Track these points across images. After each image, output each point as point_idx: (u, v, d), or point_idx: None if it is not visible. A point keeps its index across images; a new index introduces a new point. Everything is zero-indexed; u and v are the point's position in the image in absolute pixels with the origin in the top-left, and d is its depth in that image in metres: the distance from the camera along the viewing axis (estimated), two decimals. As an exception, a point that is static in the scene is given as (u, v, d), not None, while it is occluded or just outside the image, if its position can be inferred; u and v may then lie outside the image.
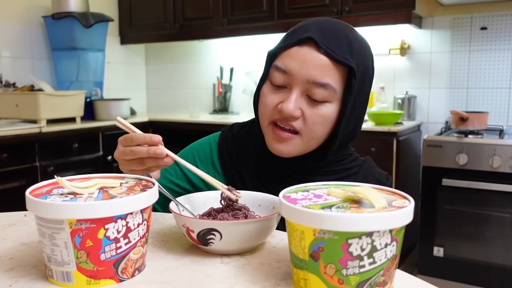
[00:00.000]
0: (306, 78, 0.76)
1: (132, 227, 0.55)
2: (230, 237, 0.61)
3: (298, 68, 0.76)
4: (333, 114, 0.79)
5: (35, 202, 0.52)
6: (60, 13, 2.78)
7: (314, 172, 0.87)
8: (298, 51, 0.77)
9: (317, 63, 0.76)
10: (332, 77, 0.76)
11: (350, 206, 0.52)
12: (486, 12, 2.54)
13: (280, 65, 0.78)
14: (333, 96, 0.77)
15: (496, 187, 2.07)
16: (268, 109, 0.80)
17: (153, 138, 0.71)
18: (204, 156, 0.96)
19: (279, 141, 0.80)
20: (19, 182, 2.26)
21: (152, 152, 0.71)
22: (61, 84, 2.94)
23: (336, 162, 0.89)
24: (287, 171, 0.87)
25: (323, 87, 0.76)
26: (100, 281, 0.54)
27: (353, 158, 0.92)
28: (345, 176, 0.88)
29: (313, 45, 0.76)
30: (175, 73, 3.67)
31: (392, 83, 2.85)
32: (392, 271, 0.51)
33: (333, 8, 2.59)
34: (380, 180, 0.90)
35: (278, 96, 0.79)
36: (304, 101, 0.78)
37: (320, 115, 0.78)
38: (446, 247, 2.23)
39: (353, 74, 0.76)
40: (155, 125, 3.07)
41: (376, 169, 0.92)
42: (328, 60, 0.76)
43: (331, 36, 0.77)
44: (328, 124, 0.79)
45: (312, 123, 0.78)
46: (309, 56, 0.76)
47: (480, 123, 2.25)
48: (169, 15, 3.21)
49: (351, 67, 0.76)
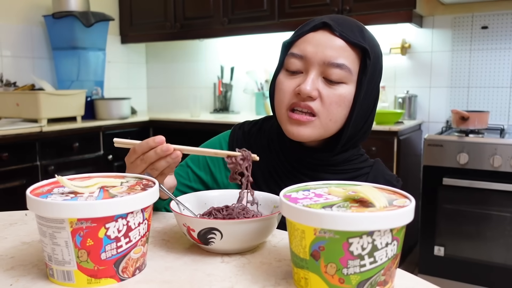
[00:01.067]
0: (322, 60, 0.78)
1: (133, 226, 0.55)
2: (230, 236, 0.61)
3: (314, 51, 0.79)
4: (349, 95, 0.80)
5: (36, 201, 0.52)
6: (60, 12, 2.78)
7: (326, 170, 0.87)
8: (313, 36, 0.80)
9: (332, 45, 0.79)
10: (347, 58, 0.79)
11: (350, 205, 0.52)
12: (487, 11, 2.53)
13: (296, 51, 0.81)
14: (348, 77, 0.79)
15: (497, 187, 2.06)
16: (286, 95, 0.82)
17: (156, 139, 0.72)
18: (221, 164, 0.96)
19: (298, 124, 0.81)
20: (20, 181, 2.27)
21: (160, 151, 0.71)
22: (61, 83, 2.94)
23: (347, 162, 0.89)
24: (299, 168, 0.87)
25: (339, 67, 0.78)
26: (100, 280, 0.54)
27: (363, 159, 0.93)
28: (356, 176, 0.89)
29: (328, 30, 0.79)
30: (175, 72, 3.67)
31: (393, 82, 2.85)
32: (392, 270, 0.51)
33: (333, 7, 2.59)
34: (390, 182, 0.91)
35: (295, 81, 0.81)
36: (321, 82, 0.80)
37: (337, 95, 0.79)
38: (447, 247, 2.23)
39: (367, 55, 0.79)
40: (156, 124, 3.07)
41: (386, 170, 0.93)
42: (342, 42, 0.79)
43: (344, 23, 0.81)
44: (345, 106, 0.81)
45: (329, 103, 0.79)
46: (324, 40, 0.79)
47: (481, 122, 2.25)
48: (170, 14, 3.21)
49: (364, 48, 0.79)
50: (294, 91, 0.80)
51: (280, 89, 0.83)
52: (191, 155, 0.99)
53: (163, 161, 0.72)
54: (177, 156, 0.72)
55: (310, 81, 0.78)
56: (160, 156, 0.72)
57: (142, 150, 0.72)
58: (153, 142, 0.72)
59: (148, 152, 0.72)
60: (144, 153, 0.72)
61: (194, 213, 0.73)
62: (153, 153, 0.72)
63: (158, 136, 0.72)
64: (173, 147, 0.72)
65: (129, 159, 0.75)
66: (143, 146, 0.72)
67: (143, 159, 0.73)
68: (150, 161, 0.72)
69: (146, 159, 0.72)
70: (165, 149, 0.71)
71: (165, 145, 0.72)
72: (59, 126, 2.48)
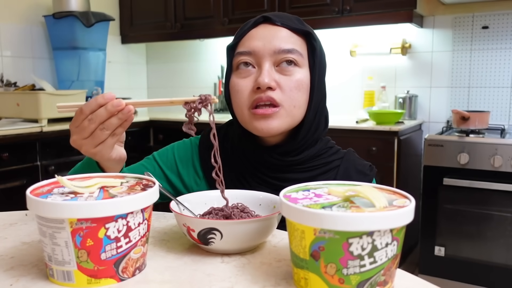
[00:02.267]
0: (272, 50, 0.80)
1: (133, 226, 0.55)
2: (230, 236, 0.61)
3: (261, 44, 0.80)
4: (306, 79, 0.82)
5: (36, 202, 0.52)
6: (61, 12, 2.78)
7: (294, 170, 0.86)
8: (257, 31, 0.82)
9: (277, 35, 0.81)
10: (295, 43, 0.81)
11: (350, 205, 0.52)
12: (488, 11, 2.53)
13: (243, 49, 0.82)
14: (301, 60, 0.81)
15: (498, 187, 2.06)
16: (245, 94, 0.81)
17: (105, 96, 0.67)
18: (185, 157, 0.94)
19: (265, 118, 0.80)
20: (20, 181, 2.27)
21: (110, 107, 0.66)
22: (62, 84, 2.94)
23: (315, 158, 0.87)
24: (266, 171, 0.86)
25: (290, 52, 0.80)
26: (100, 280, 0.54)
27: (333, 151, 0.91)
28: (326, 171, 0.87)
29: (269, 23, 0.82)
30: (176, 73, 3.67)
31: (393, 82, 2.85)
32: (393, 270, 0.51)
33: (334, 7, 2.59)
34: (362, 172, 0.88)
35: (249, 79, 0.82)
36: (276, 72, 0.81)
37: (294, 81, 0.81)
38: (447, 247, 2.22)
39: (312, 37, 0.83)
40: (156, 124, 3.07)
41: (358, 160, 0.91)
42: (286, 30, 0.81)
43: (282, 15, 0.84)
44: (305, 90, 0.82)
45: (289, 90, 0.80)
46: (268, 31, 0.81)
47: (482, 122, 2.25)
48: (170, 15, 3.21)
49: (307, 32, 0.82)
50: (252, 88, 0.80)
51: (237, 91, 0.82)
52: (160, 151, 0.95)
53: (114, 119, 0.67)
54: (129, 110, 0.67)
55: (266, 73, 0.79)
56: (111, 112, 0.67)
57: (90, 109, 0.67)
58: (102, 98, 0.66)
59: (97, 110, 0.67)
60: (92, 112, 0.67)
61: (194, 213, 0.73)
62: (103, 110, 0.66)
63: (107, 92, 0.68)
64: (125, 102, 0.67)
65: (75, 122, 0.69)
66: (91, 105, 0.67)
67: (92, 119, 0.67)
68: (100, 120, 0.67)
69: (95, 118, 0.67)
70: (116, 104, 0.66)
71: (116, 100, 0.67)
72: (60, 126, 2.48)
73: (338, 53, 2.95)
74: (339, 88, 2.96)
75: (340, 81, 2.96)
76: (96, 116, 0.67)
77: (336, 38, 2.94)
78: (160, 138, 3.03)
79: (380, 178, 2.31)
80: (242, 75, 0.82)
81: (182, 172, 0.93)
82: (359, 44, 2.87)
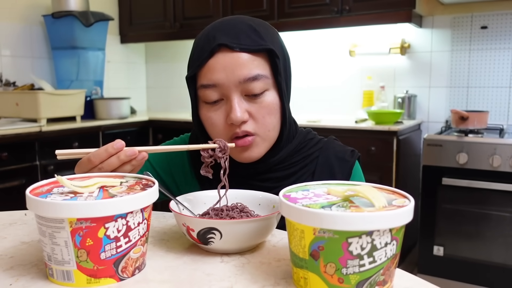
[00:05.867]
0: (237, 80, 0.76)
1: (132, 226, 0.55)
2: (230, 236, 0.61)
3: (224, 76, 0.76)
4: (275, 100, 0.80)
5: (35, 201, 0.52)
6: (60, 12, 2.78)
7: (276, 169, 0.86)
8: (216, 61, 0.76)
9: (238, 62, 0.76)
10: (258, 67, 0.77)
11: (350, 205, 0.52)
12: (487, 11, 2.54)
13: (206, 82, 0.78)
14: (267, 83, 0.79)
15: (496, 186, 2.07)
16: (220, 127, 0.80)
17: (115, 145, 0.66)
18: (176, 155, 0.94)
19: (244, 149, 0.80)
20: (19, 181, 2.27)
21: (124, 157, 0.66)
22: (61, 83, 2.94)
23: (295, 153, 0.87)
24: (247, 177, 0.86)
25: (256, 79, 0.77)
26: (100, 280, 0.54)
27: (313, 143, 0.90)
28: (305, 165, 0.87)
29: (226, 49, 0.76)
30: (175, 72, 3.67)
31: (392, 82, 2.85)
32: (392, 270, 0.51)
33: (333, 7, 2.59)
34: (343, 159, 0.87)
35: (220, 111, 0.79)
36: (245, 102, 0.79)
37: (265, 106, 0.79)
38: (446, 246, 2.23)
39: (274, 54, 0.78)
40: (155, 124, 3.07)
41: (338, 147, 0.89)
42: (246, 54, 0.76)
43: (236, 33, 0.77)
44: (276, 111, 0.81)
45: (262, 117, 0.79)
46: (228, 60, 0.76)
47: (480, 122, 2.25)
48: (169, 14, 3.21)
49: (269, 49, 0.77)
50: (226, 123, 0.79)
51: (212, 124, 0.80)
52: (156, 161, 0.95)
53: (127, 166, 0.67)
54: (143, 157, 0.67)
55: (237, 107, 0.76)
56: (124, 162, 0.66)
57: (100, 159, 0.66)
58: (112, 149, 0.65)
59: (108, 160, 0.66)
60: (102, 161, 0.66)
61: (194, 213, 0.73)
62: (115, 159, 0.66)
63: (116, 141, 0.67)
64: (137, 150, 0.67)
65: (82, 169, 0.67)
66: (101, 155, 0.65)
67: (102, 168, 0.66)
68: (111, 169, 0.66)
69: (106, 167, 0.66)
70: (130, 153, 0.66)
71: (129, 149, 0.66)
72: (59, 126, 2.48)
73: (337, 53, 2.95)
74: (338, 88, 2.96)
75: (339, 81, 2.96)
76: (107, 165, 0.66)
77: (335, 38, 2.94)
78: (159, 138, 3.03)
79: (379, 177, 2.32)
80: (212, 108, 0.80)
81: (175, 174, 0.94)
82: (358, 44, 2.87)
